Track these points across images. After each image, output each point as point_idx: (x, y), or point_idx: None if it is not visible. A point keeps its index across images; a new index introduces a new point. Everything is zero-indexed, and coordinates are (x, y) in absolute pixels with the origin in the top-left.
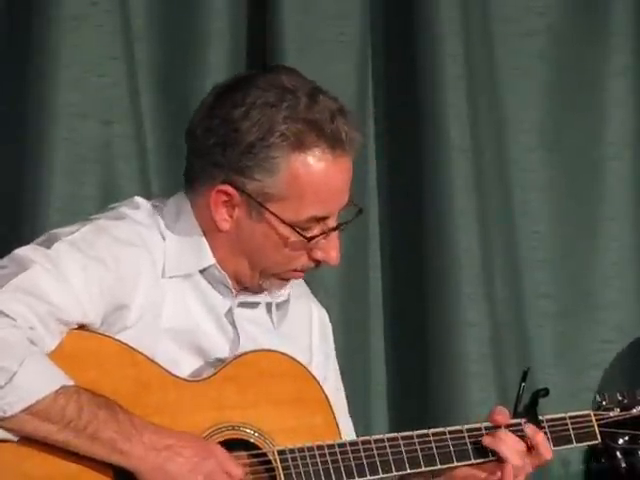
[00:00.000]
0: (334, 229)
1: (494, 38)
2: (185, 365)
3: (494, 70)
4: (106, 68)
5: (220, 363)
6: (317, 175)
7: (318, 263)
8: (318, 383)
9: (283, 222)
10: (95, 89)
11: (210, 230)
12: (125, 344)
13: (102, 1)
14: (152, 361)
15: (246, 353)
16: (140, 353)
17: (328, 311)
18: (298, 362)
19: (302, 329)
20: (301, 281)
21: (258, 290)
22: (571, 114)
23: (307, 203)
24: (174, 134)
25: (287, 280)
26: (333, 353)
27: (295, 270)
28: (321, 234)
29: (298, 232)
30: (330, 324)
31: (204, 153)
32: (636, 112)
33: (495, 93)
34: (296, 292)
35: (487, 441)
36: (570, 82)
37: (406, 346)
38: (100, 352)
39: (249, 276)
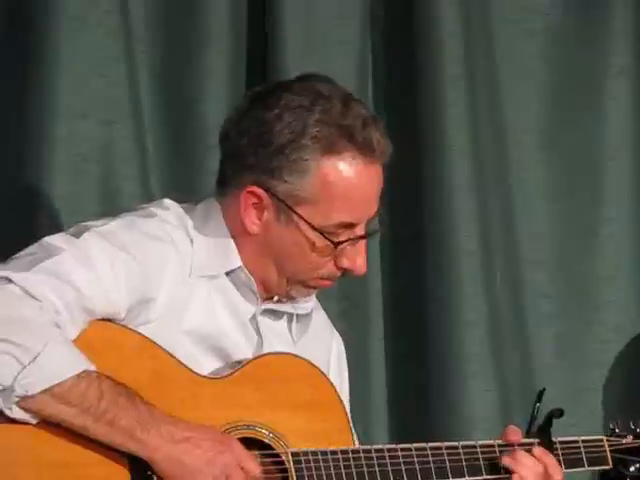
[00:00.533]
0: (362, 237)
1: (494, 38)
2: (205, 364)
3: (494, 70)
4: (106, 68)
5: (238, 364)
6: (347, 180)
7: (344, 272)
8: (334, 389)
9: (311, 226)
10: (95, 89)
11: (239, 233)
12: (146, 337)
13: (102, 1)
14: (172, 356)
15: (265, 355)
16: (160, 347)
17: (327, 311)
18: (316, 367)
19: (321, 349)
20: (319, 305)
21: (285, 297)
22: (571, 114)
23: (336, 208)
24: (174, 134)
25: (313, 288)
26: (347, 383)
27: (322, 278)
28: (348, 241)
29: (325, 237)
30: (344, 352)
31: (236, 155)
32: (636, 112)
33: (495, 93)
34: (319, 316)
35: (506, 461)
36: (570, 82)
37: (406, 346)
38: (121, 343)
39: (276, 282)
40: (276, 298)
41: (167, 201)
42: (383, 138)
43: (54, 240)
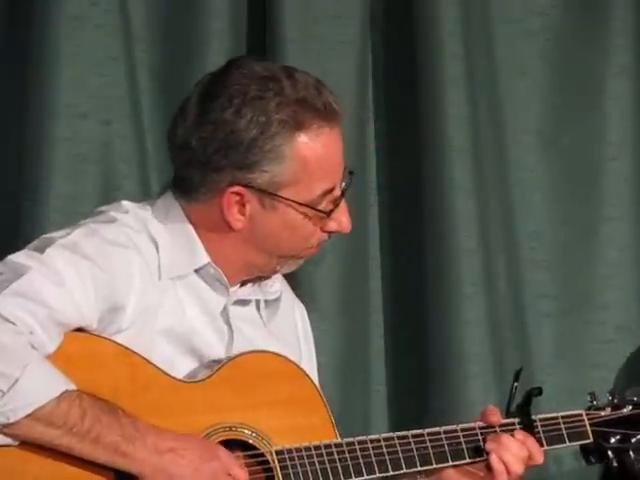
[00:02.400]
0: (341, 196)
1: (494, 38)
2: (181, 366)
3: (494, 70)
4: (106, 68)
5: (215, 364)
6: (320, 150)
7: (331, 234)
8: (312, 382)
9: (299, 204)
10: (95, 89)
11: (217, 232)
12: (121, 345)
13: (102, 1)
14: (149, 362)
15: (241, 354)
16: (136, 354)
17: (327, 311)
18: (292, 362)
19: (289, 327)
20: (280, 276)
21: (272, 274)
22: (571, 114)
23: (316, 179)
24: None
25: (302, 258)
26: (314, 350)
27: (311, 247)
28: (335, 206)
29: (316, 210)
30: (308, 319)
31: (204, 162)
32: (636, 112)
33: (495, 93)
34: (284, 296)
35: (490, 446)
36: (570, 82)
37: (406, 346)
38: (96, 353)
39: (264, 264)
40: (239, 285)
41: (125, 203)
42: (335, 97)
43: (19, 258)
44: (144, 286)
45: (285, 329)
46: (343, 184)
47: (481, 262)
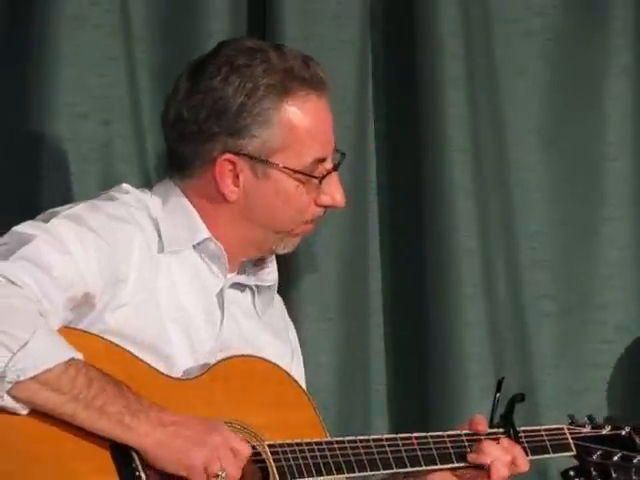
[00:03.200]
0: (334, 169)
1: (494, 38)
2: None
3: (494, 70)
4: (106, 68)
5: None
6: (309, 117)
7: (325, 209)
8: (301, 388)
9: (291, 170)
10: (95, 89)
11: (214, 207)
12: (111, 342)
13: (102, 1)
14: (140, 359)
15: (233, 357)
16: (127, 351)
17: (328, 311)
18: (280, 367)
19: (282, 326)
20: (275, 270)
21: (270, 254)
22: (571, 114)
23: (307, 145)
24: None
25: (298, 236)
26: (302, 360)
27: (306, 222)
28: (327, 174)
29: (308, 175)
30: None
31: (195, 132)
32: (636, 112)
33: (495, 93)
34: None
35: (472, 458)
36: (570, 82)
37: (406, 346)
38: (89, 349)
39: (261, 240)
40: (236, 272)
41: (125, 186)
42: (323, 70)
43: (24, 228)
44: (142, 262)
45: (278, 323)
46: (335, 159)
47: (481, 262)
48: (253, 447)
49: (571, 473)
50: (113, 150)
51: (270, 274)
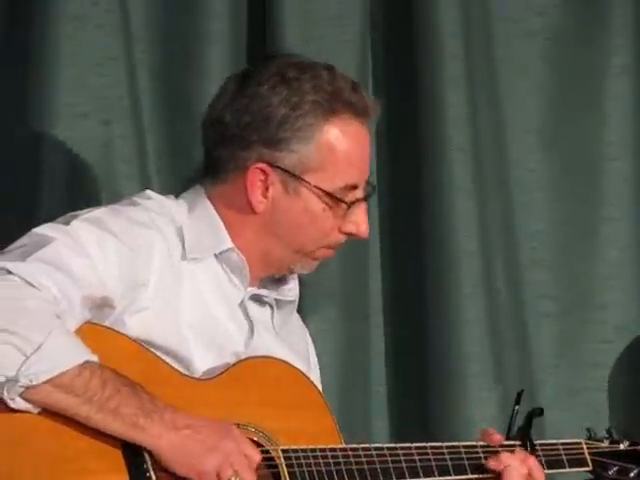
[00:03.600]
0: (364, 198)
1: (494, 38)
2: (202, 360)
3: (494, 70)
4: (106, 68)
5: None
6: (349, 142)
7: (348, 237)
8: (319, 391)
9: (321, 191)
10: (95, 89)
11: (240, 216)
12: (132, 339)
13: (102, 1)
14: (160, 358)
15: (251, 358)
16: (148, 350)
17: (328, 312)
18: (300, 371)
19: (300, 341)
20: (296, 286)
21: (287, 272)
22: (571, 114)
23: (341, 170)
24: (174, 134)
25: (317, 259)
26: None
27: (327, 247)
28: (356, 201)
29: (337, 199)
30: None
31: (234, 136)
32: (636, 112)
33: (495, 93)
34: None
35: (491, 464)
36: (570, 82)
37: (406, 346)
38: (110, 346)
39: (280, 257)
40: (259, 285)
41: (149, 192)
42: (372, 100)
43: (44, 230)
44: (163, 268)
45: (295, 338)
46: (366, 190)
47: (481, 262)
48: (267, 451)
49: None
50: (113, 150)
51: (291, 290)
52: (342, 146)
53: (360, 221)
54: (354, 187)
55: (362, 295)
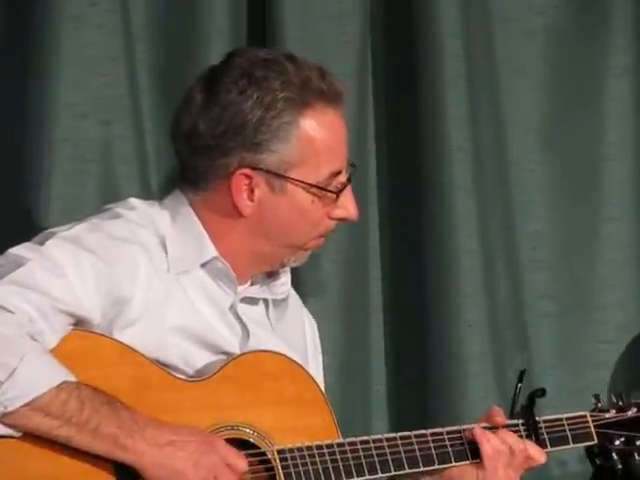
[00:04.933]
0: (348, 181)
1: (494, 38)
2: (198, 360)
3: (494, 70)
4: (106, 68)
5: (224, 361)
6: (327, 131)
7: (338, 222)
8: (316, 384)
9: (308, 185)
10: (95, 89)
11: (225, 221)
12: (124, 344)
13: (102, 1)
14: (151, 361)
15: (245, 354)
16: (139, 353)
17: (328, 311)
18: (297, 363)
19: (297, 333)
20: (288, 280)
21: (280, 267)
22: (571, 114)
23: (323, 160)
24: None
25: (310, 249)
26: (321, 366)
27: (319, 236)
28: (343, 188)
29: (325, 190)
30: (317, 333)
31: (212, 146)
32: (636, 112)
33: (495, 93)
34: (292, 300)
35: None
36: (570, 82)
37: (406, 346)
38: (99, 351)
39: (271, 255)
40: (249, 283)
41: (133, 200)
42: (337, 78)
43: (19, 251)
44: (149, 280)
45: (292, 332)
46: (347, 171)
47: (481, 262)
48: (263, 453)
49: (598, 461)
50: (113, 150)
51: (283, 285)
52: (320, 137)
53: (348, 205)
54: (338, 173)
55: (362, 295)
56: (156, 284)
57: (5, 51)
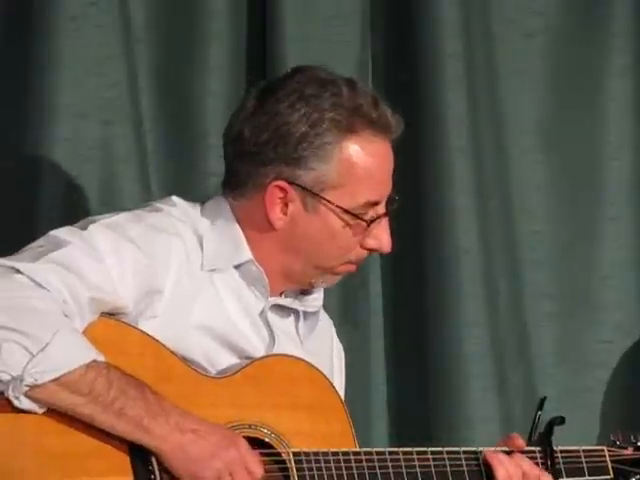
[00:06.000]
0: (385, 214)
1: (494, 38)
2: (221, 360)
3: (494, 70)
4: (106, 68)
5: (246, 361)
6: (369, 158)
7: (370, 252)
8: (337, 393)
9: (341, 209)
10: (95, 89)
11: (260, 230)
12: (148, 334)
13: (102, 1)
14: (174, 354)
15: (268, 356)
16: (163, 345)
17: (328, 310)
18: (318, 370)
19: (325, 348)
20: (321, 295)
21: (308, 287)
22: (571, 114)
23: (362, 187)
24: (174, 134)
25: (339, 274)
26: (343, 385)
27: (349, 262)
28: (377, 218)
29: (357, 217)
30: (344, 360)
31: (253, 153)
32: (636, 112)
33: (495, 93)
34: (324, 317)
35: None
36: (570, 82)
37: (406, 346)
38: (123, 339)
39: (301, 272)
40: (284, 295)
41: (174, 198)
42: (393, 115)
43: (61, 233)
44: (180, 274)
45: (320, 347)
46: (390, 204)
47: (481, 262)
48: (278, 454)
49: None
50: (113, 150)
51: (315, 300)
52: (362, 163)
53: (382, 236)
54: (375, 203)
55: (362, 295)
56: (186, 279)
57: (5, 51)
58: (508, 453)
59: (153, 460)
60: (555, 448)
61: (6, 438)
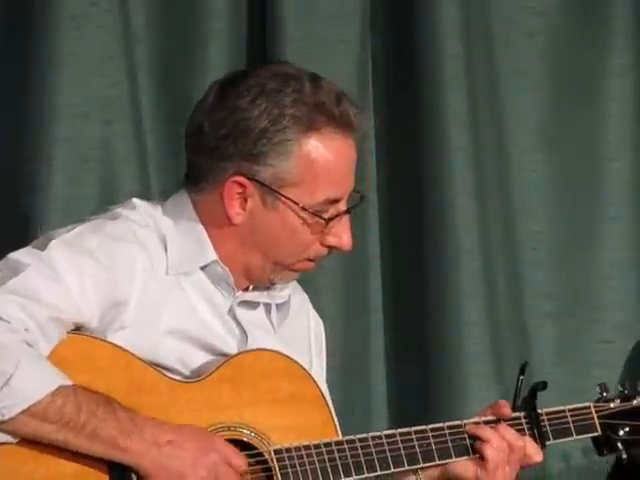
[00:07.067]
0: (346, 212)
1: (494, 38)
2: (195, 361)
3: (494, 70)
4: (106, 68)
5: (221, 359)
6: (330, 156)
7: (330, 250)
8: (315, 382)
9: (300, 206)
10: (95, 89)
11: (218, 226)
12: (118, 346)
13: (102, 1)
14: (146, 363)
15: (242, 353)
16: (133, 355)
17: (328, 311)
18: (294, 361)
19: (300, 333)
20: (299, 287)
21: (267, 283)
22: (571, 114)
23: (321, 185)
24: (174, 134)
25: (298, 271)
26: (325, 365)
27: (308, 259)
28: (337, 216)
29: (315, 215)
30: (324, 334)
31: (212, 148)
32: (636, 112)
33: (495, 93)
34: (296, 298)
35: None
36: (570, 82)
37: (406, 345)
38: (93, 354)
39: (260, 269)
40: (251, 287)
41: (135, 201)
42: (357, 111)
43: (19, 255)
44: (146, 282)
45: (295, 333)
46: (350, 202)
47: (481, 262)
48: (260, 454)
49: (605, 452)
50: (113, 150)
51: (282, 291)
52: (322, 161)
53: (342, 234)
54: (336, 201)
55: (362, 294)
56: (152, 286)
57: (5, 51)
58: (493, 422)
59: (133, 477)
60: (540, 411)
61: None
